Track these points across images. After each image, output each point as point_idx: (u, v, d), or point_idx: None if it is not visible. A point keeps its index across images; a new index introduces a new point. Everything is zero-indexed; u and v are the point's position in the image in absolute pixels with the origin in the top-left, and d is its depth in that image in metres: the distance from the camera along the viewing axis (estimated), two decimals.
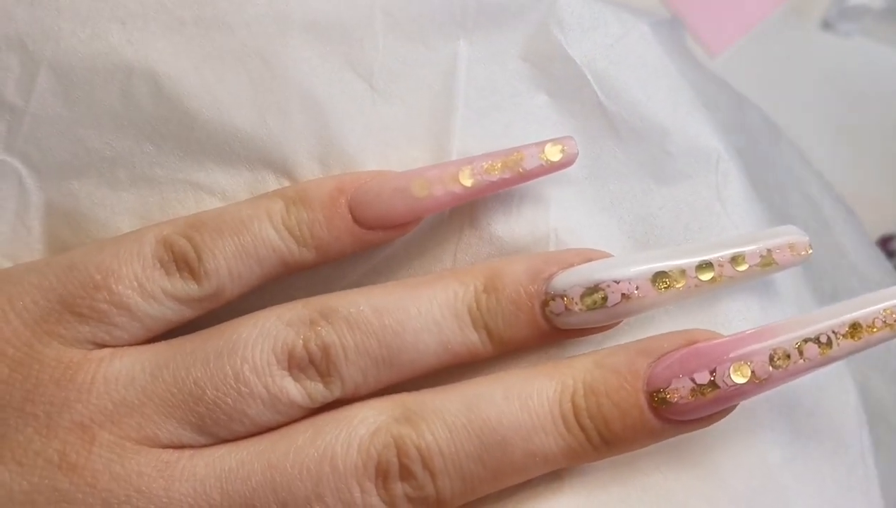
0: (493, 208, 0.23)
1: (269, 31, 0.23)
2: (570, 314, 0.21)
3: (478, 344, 0.21)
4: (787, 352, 0.19)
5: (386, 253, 0.23)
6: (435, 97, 0.23)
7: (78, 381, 0.20)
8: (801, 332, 0.20)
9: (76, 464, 0.19)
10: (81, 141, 0.23)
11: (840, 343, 0.20)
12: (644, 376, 0.20)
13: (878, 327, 0.20)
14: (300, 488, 0.19)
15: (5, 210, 0.23)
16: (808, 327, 0.20)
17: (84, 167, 0.23)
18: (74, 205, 0.23)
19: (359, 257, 0.23)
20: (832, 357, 0.20)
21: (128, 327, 0.20)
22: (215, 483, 0.19)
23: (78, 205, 0.23)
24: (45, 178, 0.23)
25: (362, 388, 0.21)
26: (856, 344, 0.20)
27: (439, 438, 0.19)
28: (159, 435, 0.20)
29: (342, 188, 0.22)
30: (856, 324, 0.20)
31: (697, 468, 0.21)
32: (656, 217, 0.23)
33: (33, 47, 0.23)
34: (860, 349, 0.20)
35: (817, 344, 0.20)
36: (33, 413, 0.19)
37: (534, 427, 0.20)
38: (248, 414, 0.20)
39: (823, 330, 0.20)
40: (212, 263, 0.21)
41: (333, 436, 0.20)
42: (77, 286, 0.20)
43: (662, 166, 0.24)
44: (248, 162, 0.23)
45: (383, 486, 0.19)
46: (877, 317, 0.20)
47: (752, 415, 0.22)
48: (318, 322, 0.20)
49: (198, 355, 0.20)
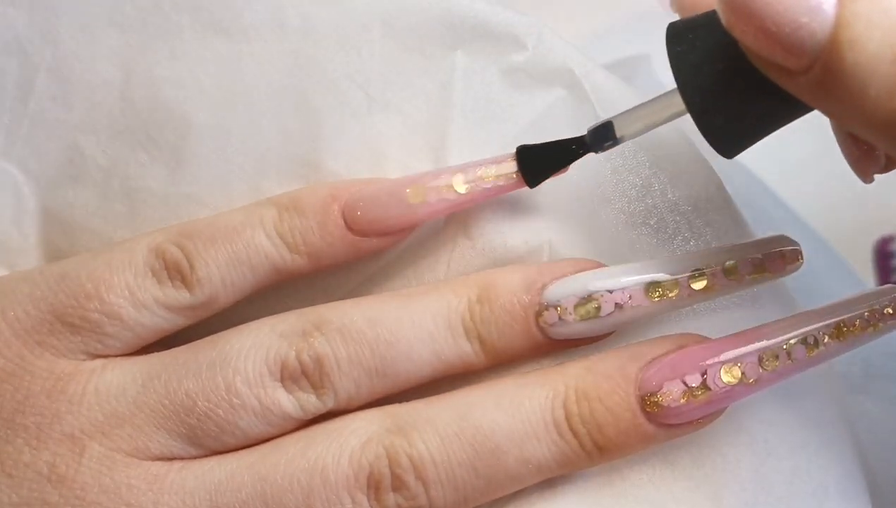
0: (487, 218, 0.23)
1: (266, 38, 0.23)
2: (564, 324, 0.21)
3: (471, 355, 0.21)
4: (775, 353, 0.20)
5: (381, 263, 0.23)
6: (431, 107, 0.23)
7: (69, 393, 0.20)
8: (788, 334, 0.20)
9: (65, 476, 0.19)
10: (78, 147, 0.23)
11: (826, 343, 0.20)
12: (636, 380, 0.20)
13: (863, 327, 0.20)
14: (291, 500, 0.19)
15: (2, 217, 0.23)
16: (796, 329, 0.20)
17: (80, 175, 0.23)
18: (70, 213, 0.23)
19: (353, 268, 0.23)
20: (819, 357, 0.20)
21: (120, 336, 0.20)
22: (205, 496, 0.19)
23: (73, 213, 0.23)
24: (42, 186, 0.23)
25: (355, 399, 0.21)
26: (841, 344, 0.20)
27: (431, 447, 0.19)
28: (150, 447, 0.20)
29: (336, 195, 0.21)
30: (841, 325, 0.20)
31: (690, 480, 0.21)
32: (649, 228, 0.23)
33: (32, 52, 0.23)
34: (846, 349, 0.20)
35: (804, 345, 0.20)
36: (24, 424, 0.19)
37: (526, 433, 0.20)
38: (239, 426, 0.20)
39: (810, 332, 0.20)
40: (204, 271, 0.21)
41: (324, 448, 0.20)
42: (68, 296, 0.20)
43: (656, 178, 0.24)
44: (241, 169, 0.23)
45: (375, 497, 0.19)
46: (860, 318, 0.20)
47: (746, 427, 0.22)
48: (312, 333, 0.20)
49: (190, 366, 0.20)
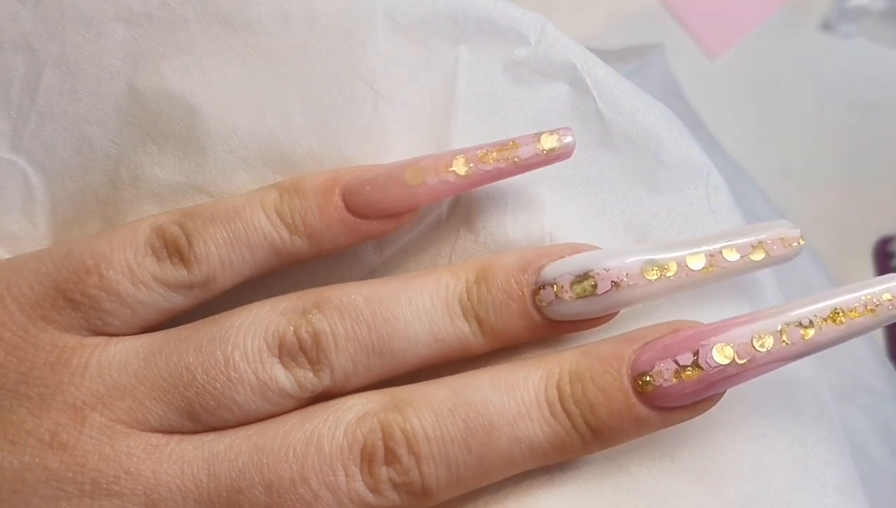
0: (489, 212, 0.23)
1: (271, 31, 0.23)
2: (561, 302, 0.21)
3: (468, 335, 0.21)
4: (769, 335, 0.20)
5: (383, 257, 0.23)
6: (435, 101, 0.23)
7: (72, 365, 0.20)
8: (783, 317, 0.20)
9: (67, 444, 0.19)
10: (87, 138, 0.23)
11: (823, 328, 0.20)
12: (628, 361, 0.20)
13: (861, 312, 0.20)
14: (286, 469, 0.19)
15: (12, 208, 0.23)
16: (791, 312, 0.20)
17: (89, 165, 0.23)
18: (80, 202, 0.23)
19: (356, 260, 0.23)
20: (816, 342, 0.20)
21: (119, 314, 0.21)
22: (203, 465, 0.20)
23: (84, 202, 0.23)
24: (51, 176, 0.23)
25: (352, 378, 0.21)
26: (839, 329, 0.20)
27: (425, 422, 0.20)
28: (149, 419, 0.20)
29: (337, 178, 0.22)
30: (837, 310, 0.20)
31: (689, 473, 0.21)
32: (649, 225, 0.23)
33: (38, 47, 0.23)
34: (844, 336, 0.20)
35: (799, 327, 0.20)
36: (27, 394, 0.20)
37: (519, 412, 0.20)
38: (236, 400, 0.20)
39: (806, 315, 0.20)
40: (202, 249, 0.21)
41: (321, 420, 0.20)
42: (70, 272, 0.21)
43: (656, 175, 0.24)
44: (246, 162, 0.23)
45: (368, 471, 0.20)
46: (858, 303, 0.20)
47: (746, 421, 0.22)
48: (311, 311, 0.21)
49: (191, 341, 0.20)
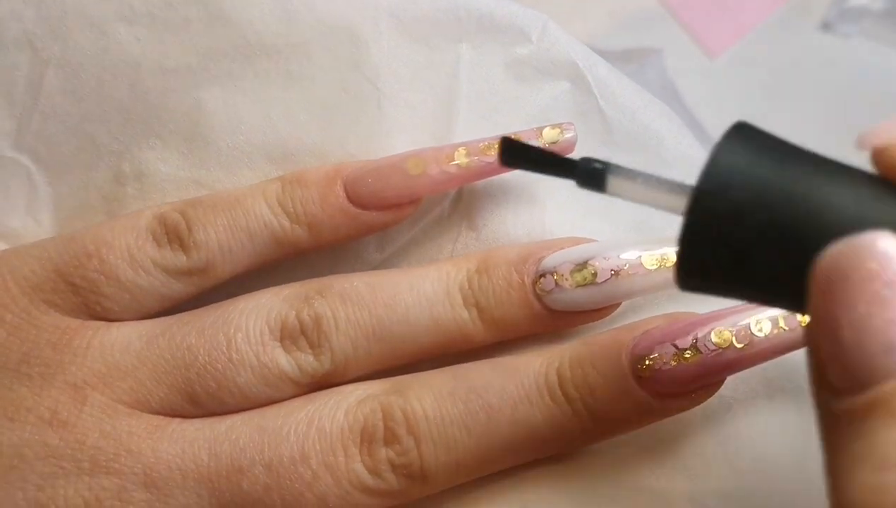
0: (490, 209, 0.23)
1: (274, 30, 0.23)
2: (561, 291, 0.21)
3: (468, 323, 0.21)
4: (767, 320, 0.20)
5: (385, 254, 0.23)
6: (437, 98, 0.24)
7: (74, 345, 0.20)
8: None
9: (66, 422, 0.20)
10: (90, 136, 0.23)
11: None
12: (628, 346, 0.20)
13: None
14: (286, 448, 0.19)
15: (16, 206, 0.24)
16: None
17: (92, 162, 0.24)
18: (84, 199, 0.24)
19: (358, 256, 0.23)
20: None
21: (117, 298, 0.21)
22: (204, 445, 0.20)
23: (87, 199, 0.24)
24: (54, 174, 0.24)
25: (352, 363, 0.21)
26: None
27: (425, 404, 0.20)
28: (150, 401, 0.20)
29: (339, 170, 0.22)
30: None
31: (688, 470, 0.21)
32: (649, 222, 0.23)
33: (41, 47, 0.23)
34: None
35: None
36: (28, 373, 0.20)
37: (519, 396, 0.20)
38: (237, 382, 0.20)
39: None
40: (201, 235, 0.21)
41: (323, 402, 0.20)
42: (72, 256, 0.21)
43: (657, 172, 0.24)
44: (250, 158, 0.23)
45: (367, 451, 0.20)
46: None
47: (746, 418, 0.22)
48: (313, 297, 0.21)
49: (194, 324, 0.21)
